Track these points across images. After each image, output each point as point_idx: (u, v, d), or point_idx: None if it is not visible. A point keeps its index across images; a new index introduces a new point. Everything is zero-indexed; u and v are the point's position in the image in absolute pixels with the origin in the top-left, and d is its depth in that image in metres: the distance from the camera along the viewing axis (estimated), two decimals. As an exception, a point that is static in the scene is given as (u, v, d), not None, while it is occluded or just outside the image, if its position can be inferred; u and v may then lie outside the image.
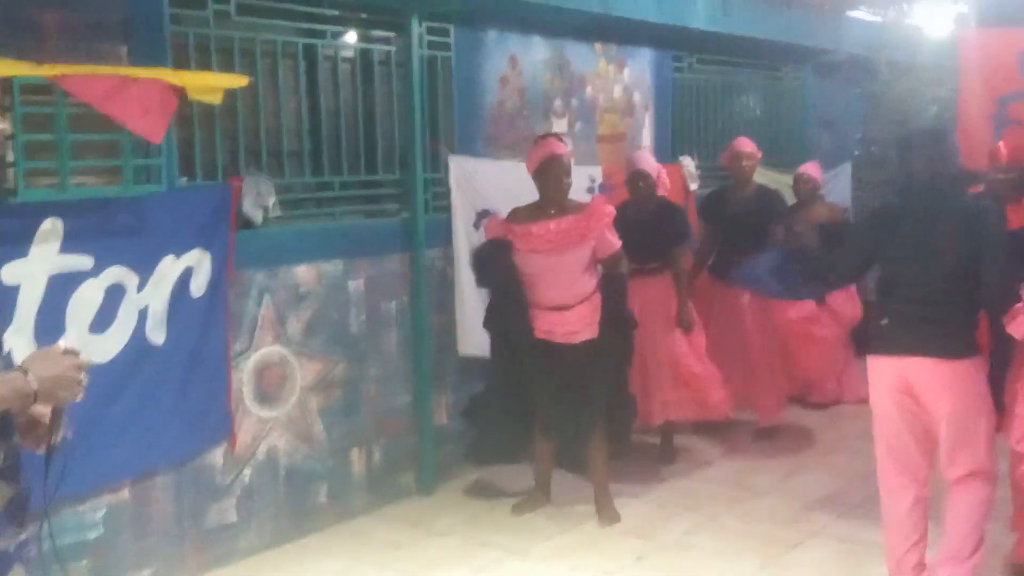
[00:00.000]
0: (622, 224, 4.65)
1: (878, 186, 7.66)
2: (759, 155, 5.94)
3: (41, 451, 2.07)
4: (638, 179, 5.29)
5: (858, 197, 7.92)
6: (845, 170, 7.97)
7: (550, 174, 4.42)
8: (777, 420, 5.93)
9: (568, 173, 4.48)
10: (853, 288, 6.28)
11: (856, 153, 8.53)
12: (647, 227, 5.17)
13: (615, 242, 4.54)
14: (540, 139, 4.61)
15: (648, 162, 5.39)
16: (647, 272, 5.24)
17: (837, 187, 7.75)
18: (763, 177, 6.91)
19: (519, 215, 4.52)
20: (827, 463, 5.43)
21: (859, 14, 8.11)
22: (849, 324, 6.35)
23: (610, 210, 4.54)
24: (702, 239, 6.13)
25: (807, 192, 6.50)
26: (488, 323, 4.64)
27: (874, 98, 8.43)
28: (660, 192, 5.41)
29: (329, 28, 4.73)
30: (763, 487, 5.09)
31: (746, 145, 5.90)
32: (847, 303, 6.31)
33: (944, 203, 3.53)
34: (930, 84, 7.74)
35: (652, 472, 5.30)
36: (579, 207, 4.50)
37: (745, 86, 7.75)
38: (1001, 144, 5.65)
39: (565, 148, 4.53)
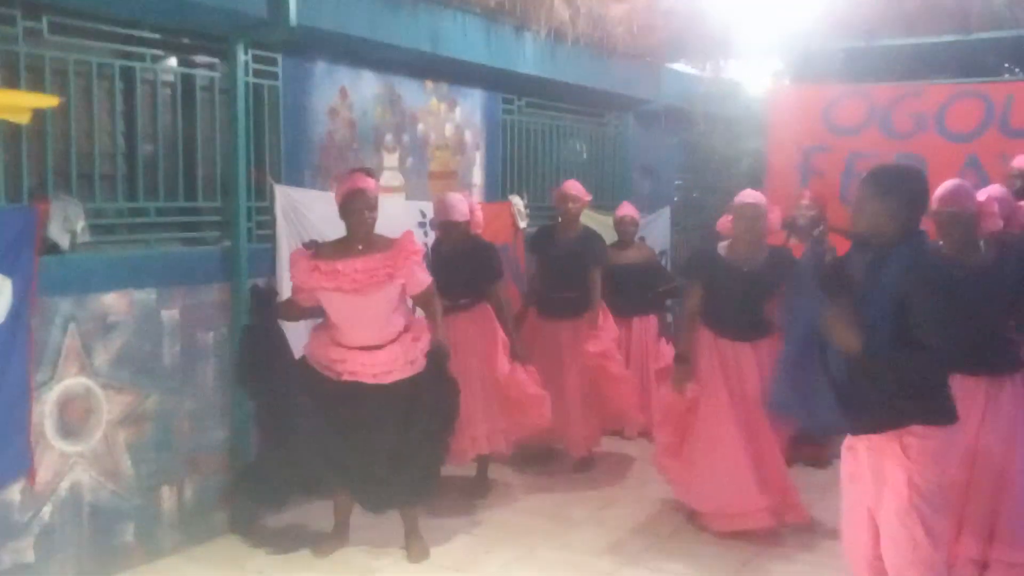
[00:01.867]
0: (435, 262, 4.70)
1: (696, 230, 8.08)
2: (587, 198, 6.14)
3: None
4: (449, 228, 5.35)
5: (677, 241, 8.35)
6: (664, 214, 8.38)
7: (353, 208, 4.33)
8: (587, 452, 6.09)
9: (373, 208, 4.37)
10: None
11: (675, 199, 8.98)
12: (459, 264, 5.31)
13: (425, 279, 4.51)
14: (347, 173, 4.52)
15: (458, 210, 5.35)
16: (459, 308, 5.34)
17: (656, 230, 8.13)
18: (588, 219, 7.18)
19: (325, 251, 4.40)
20: (640, 495, 5.61)
21: (679, 67, 8.57)
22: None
23: (418, 247, 4.50)
24: (530, 274, 6.32)
25: (631, 233, 6.83)
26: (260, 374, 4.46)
27: (691, 147, 8.92)
28: (474, 229, 5.48)
29: (149, 51, 4.61)
30: (579, 518, 5.22)
31: (573, 188, 6.09)
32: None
33: None
34: (743, 135, 8.24)
35: (467, 506, 5.33)
36: (388, 244, 4.41)
37: (572, 130, 8.03)
38: (806, 191, 6.27)
39: (371, 182, 4.42)
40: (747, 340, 4.86)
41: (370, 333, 4.38)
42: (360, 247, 4.36)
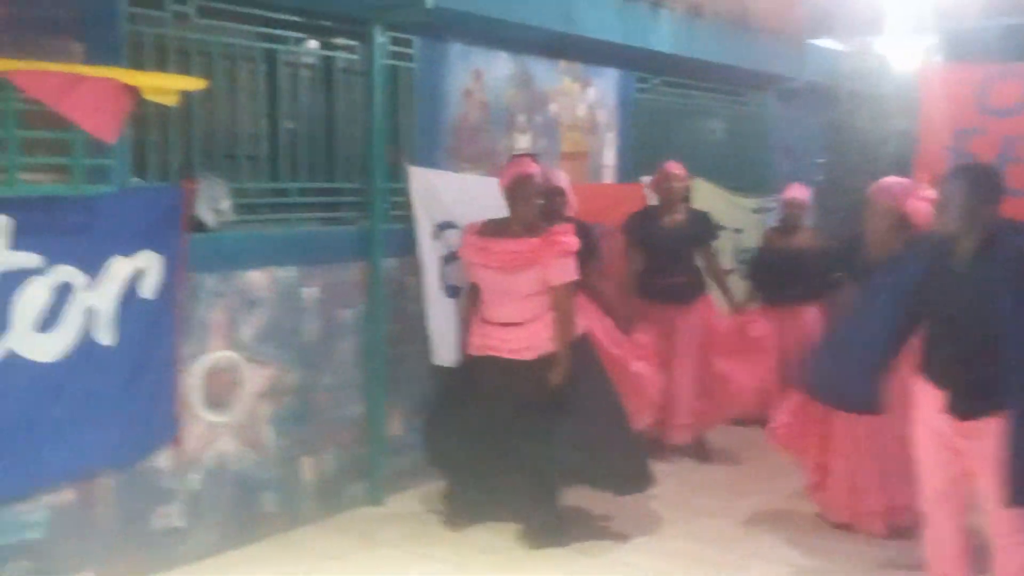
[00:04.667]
0: None
1: (838, 213, 7.77)
2: (687, 180, 5.97)
3: None
4: (554, 194, 5.22)
5: (822, 224, 8.03)
6: (805, 196, 8.06)
7: (521, 194, 4.51)
8: (696, 438, 5.93)
9: (539, 194, 4.59)
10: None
11: (819, 179, 8.65)
12: None
13: (565, 275, 4.52)
14: (514, 157, 4.71)
15: (564, 179, 5.37)
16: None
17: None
18: (726, 201, 7.01)
19: (489, 228, 4.61)
20: (771, 486, 5.40)
21: (823, 43, 8.25)
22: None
23: (569, 241, 4.52)
24: (630, 259, 6.00)
25: (795, 217, 6.44)
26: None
27: (835, 126, 8.58)
28: (568, 212, 5.35)
29: (291, 34, 4.74)
30: (706, 508, 5.10)
31: (675, 167, 5.90)
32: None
33: None
34: (891, 115, 7.87)
35: (591, 492, 5.19)
36: (540, 231, 4.53)
37: (708, 109, 7.85)
38: None
39: (537, 168, 4.61)
40: None
41: (510, 310, 4.52)
42: (518, 230, 4.52)
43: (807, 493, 4.96)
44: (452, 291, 5.20)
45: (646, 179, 6.74)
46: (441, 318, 5.14)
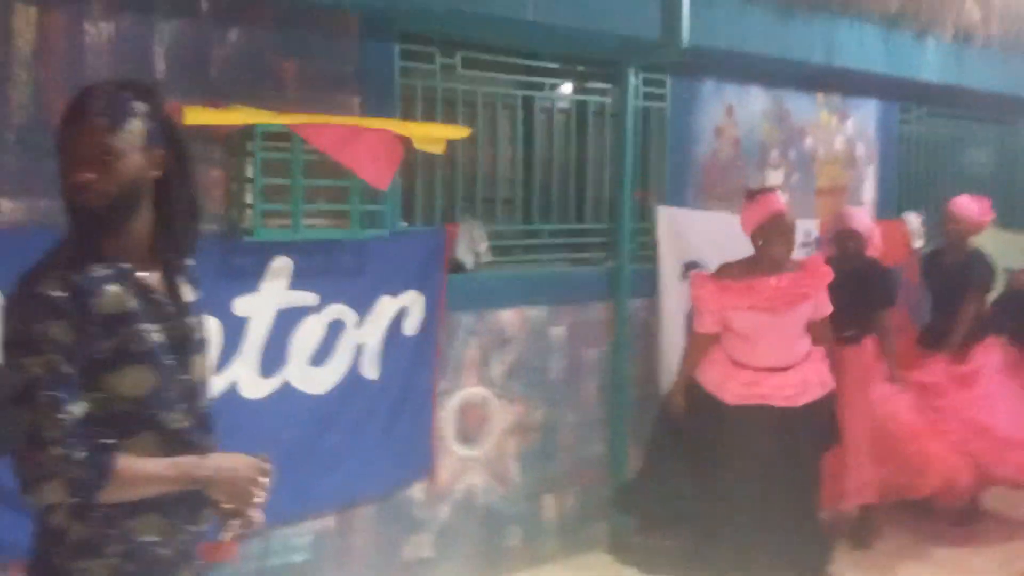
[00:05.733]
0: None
1: None
2: (977, 218, 5.51)
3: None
4: (847, 238, 5.02)
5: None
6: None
7: (774, 232, 4.24)
8: (963, 501, 5.36)
9: (794, 231, 4.32)
10: None
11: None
12: (851, 287, 4.76)
13: (828, 307, 4.36)
14: (759, 195, 4.38)
15: (861, 221, 5.12)
16: (845, 340, 4.89)
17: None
18: (993, 239, 6.46)
19: (732, 271, 4.34)
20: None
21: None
22: None
23: (829, 271, 4.34)
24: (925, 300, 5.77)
25: None
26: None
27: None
28: (871, 253, 5.10)
29: (547, 80, 4.83)
30: (982, 568, 4.71)
31: (956, 207, 5.50)
32: None
33: None
34: None
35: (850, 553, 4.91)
36: (795, 264, 4.33)
37: (977, 140, 7.28)
38: None
39: (784, 204, 4.33)
40: None
41: (780, 354, 4.28)
42: (768, 269, 4.27)
43: None
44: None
45: (909, 215, 6.36)
46: (675, 359, 5.00)
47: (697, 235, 5.19)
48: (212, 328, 3.37)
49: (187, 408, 1.98)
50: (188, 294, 2.05)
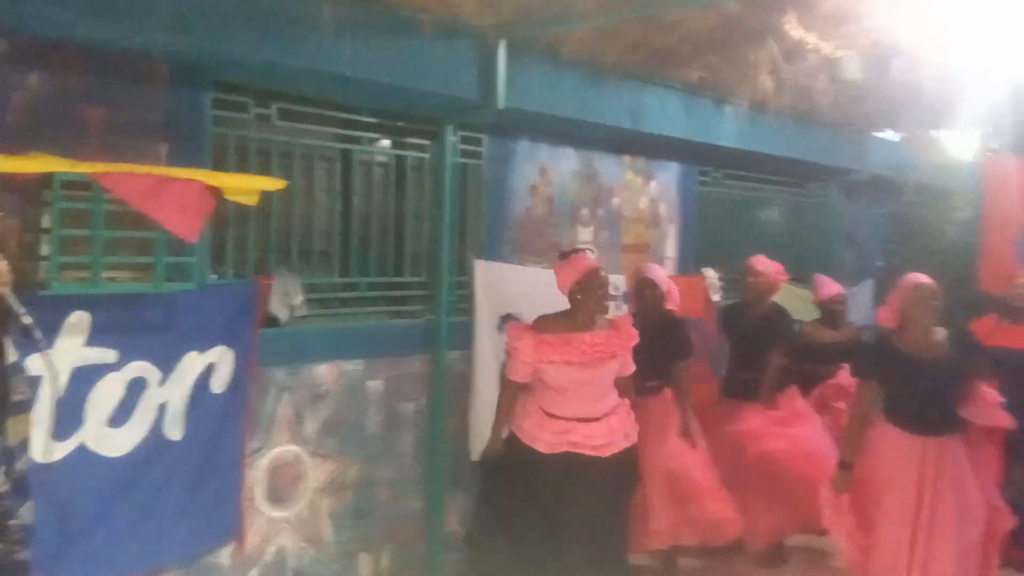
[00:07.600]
0: None
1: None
2: (775, 275, 5.92)
3: None
4: (644, 287, 5.25)
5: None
6: (866, 287, 7.96)
7: (591, 287, 4.38)
8: (770, 543, 5.65)
9: (607, 285, 4.49)
10: None
11: (879, 265, 8.53)
12: (649, 339, 4.87)
13: (632, 365, 4.54)
14: (572, 254, 4.54)
15: (657, 273, 5.39)
16: (646, 391, 5.07)
17: (858, 304, 7.72)
18: (787, 294, 6.91)
19: (550, 324, 4.43)
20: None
21: (887, 135, 8.21)
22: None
23: (635, 333, 4.51)
24: (723, 351, 6.09)
25: (841, 313, 6.37)
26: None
27: (899, 218, 8.49)
28: (669, 306, 5.34)
29: (365, 135, 4.83)
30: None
31: (757, 263, 5.89)
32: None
33: None
34: (956, 208, 7.78)
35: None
36: (607, 323, 4.49)
37: (770, 201, 7.82)
38: (1023, 270, 5.77)
39: (595, 262, 4.49)
40: (936, 435, 4.47)
41: (590, 405, 4.41)
42: (583, 324, 4.39)
43: None
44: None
45: (707, 270, 6.72)
46: (487, 413, 5.03)
47: (512, 288, 5.29)
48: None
49: (5, 471, 1.85)
50: (10, 354, 1.91)
